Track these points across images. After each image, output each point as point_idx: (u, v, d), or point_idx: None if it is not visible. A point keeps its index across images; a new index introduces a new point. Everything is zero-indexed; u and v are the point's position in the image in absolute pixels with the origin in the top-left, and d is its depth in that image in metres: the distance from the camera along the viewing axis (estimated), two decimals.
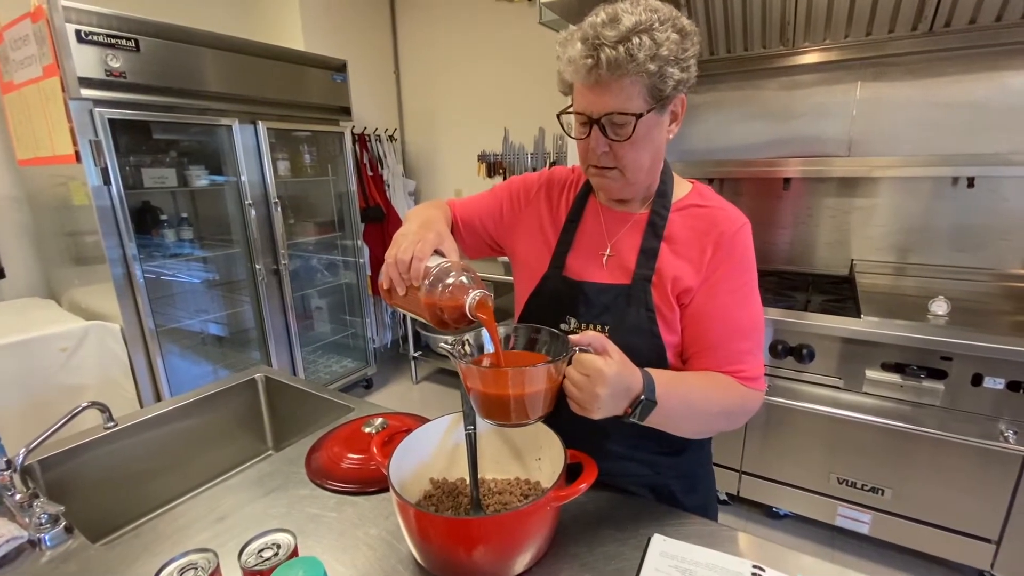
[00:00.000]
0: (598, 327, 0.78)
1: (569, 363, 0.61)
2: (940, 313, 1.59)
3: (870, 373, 1.58)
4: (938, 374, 1.49)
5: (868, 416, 1.58)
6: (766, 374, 1.73)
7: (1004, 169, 1.78)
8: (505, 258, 1.17)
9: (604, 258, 0.81)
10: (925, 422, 1.52)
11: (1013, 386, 1.41)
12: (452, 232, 0.86)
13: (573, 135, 0.75)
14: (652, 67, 0.64)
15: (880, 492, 1.65)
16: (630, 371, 0.62)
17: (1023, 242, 1.83)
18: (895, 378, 1.54)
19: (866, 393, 1.60)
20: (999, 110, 1.79)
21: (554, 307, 0.82)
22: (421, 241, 0.66)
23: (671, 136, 0.75)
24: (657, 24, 0.64)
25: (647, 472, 0.83)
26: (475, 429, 0.75)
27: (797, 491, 1.79)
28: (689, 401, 0.69)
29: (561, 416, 0.66)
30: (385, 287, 0.69)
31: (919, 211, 1.98)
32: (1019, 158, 1.76)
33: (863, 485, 1.67)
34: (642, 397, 0.62)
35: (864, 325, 1.56)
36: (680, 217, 0.78)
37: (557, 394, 0.63)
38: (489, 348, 0.68)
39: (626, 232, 0.81)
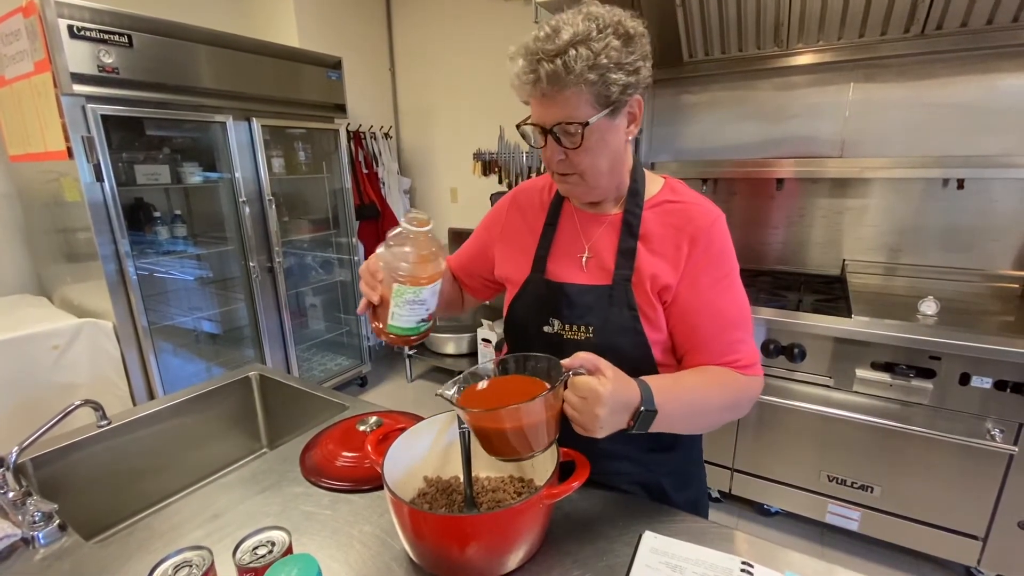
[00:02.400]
0: (582, 328, 0.79)
1: (565, 387, 0.62)
2: (929, 313, 1.61)
3: (860, 372, 1.59)
4: (927, 373, 1.51)
5: (858, 415, 1.60)
6: None
7: (994, 171, 1.80)
8: None
9: (583, 260, 0.82)
10: (914, 421, 1.54)
11: (1000, 385, 1.43)
12: (456, 281, 0.99)
13: (534, 144, 0.76)
14: (592, 76, 0.65)
15: (870, 490, 1.67)
16: (626, 385, 0.63)
17: (1012, 243, 1.86)
18: (885, 377, 1.56)
19: (856, 392, 1.62)
20: (989, 112, 1.81)
21: (537, 309, 0.83)
22: (372, 255, 0.74)
23: (630, 137, 0.76)
24: (595, 33, 0.65)
25: (638, 470, 0.84)
26: (468, 427, 0.75)
27: (788, 489, 1.81)
28: (689, 403, 0.70)
29: None
30: (361, 311, 0.75)
31: (910, 212, 2.00)
32: (1009, 160, 1.78)
33: (853, 483, 1.69)
34: (641, 409, 0.63)
35: (855, 325, 1.57)
36: (654, 215, 0.79)
37: (560, 419, 0.64)
38: (484, 369, 0.71)
39: (602, 233, 0.82)
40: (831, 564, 0.67)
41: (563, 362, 0.64)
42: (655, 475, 0.84)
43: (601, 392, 0.59)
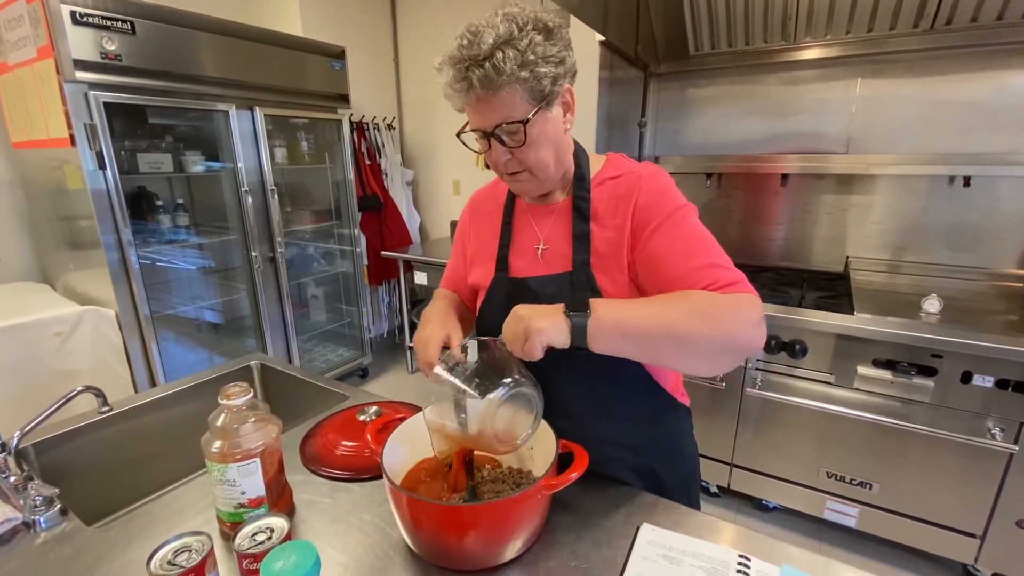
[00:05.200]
0: None
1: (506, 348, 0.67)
2: (932, 311, 1.60)
3: (862, 369, 1.59)
4: (928, 371, 1.50)
5: (858, 412, 1.60)
6: (759, 368, 1.75)
7: (1001, 169, 1.79)
8: None
9: (539, 251, 0.83)
10: (914, 418, 1.54)
11: (1001, 384, 1.42)
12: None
13: (477, 150, 0.78)
14: (524, 74, 0.66)
15: (868, 486, 1.67)
16: (542, 304, 0.67)
17: (1017, 242, 1.85)
18: (886, 374, 1.56)
19: (857, 389, 1.62)
20: (997, 109, 1.80)
21: (504, 308, 0.81)
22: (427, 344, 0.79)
23: (569, 126, 0.77)
24: (516, 32, 0.66)
25: (628, 454, 0.85)
26: (467, 417, 0.75)
27: (786, 484, 1.82)
28: (637, 304, 0.67)
29: (544, 408, 0.69)
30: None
31: (915, 209, 1.99)
32: (1016, 158, 1.76)
33: (852, 479, 1.69)
34: (569, 311, 0.65)
35: (857, 322, 1.57)
36: (599, 192, 0.80)
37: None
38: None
39: (554, 221, 0.83)
40: (826, 558, 0.67)
41: (480, 339, 0.71)
42: (645, 458, 0.85)
43: (515, 310, 0.66)
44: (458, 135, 0.77)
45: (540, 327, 0.63)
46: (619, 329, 0.64)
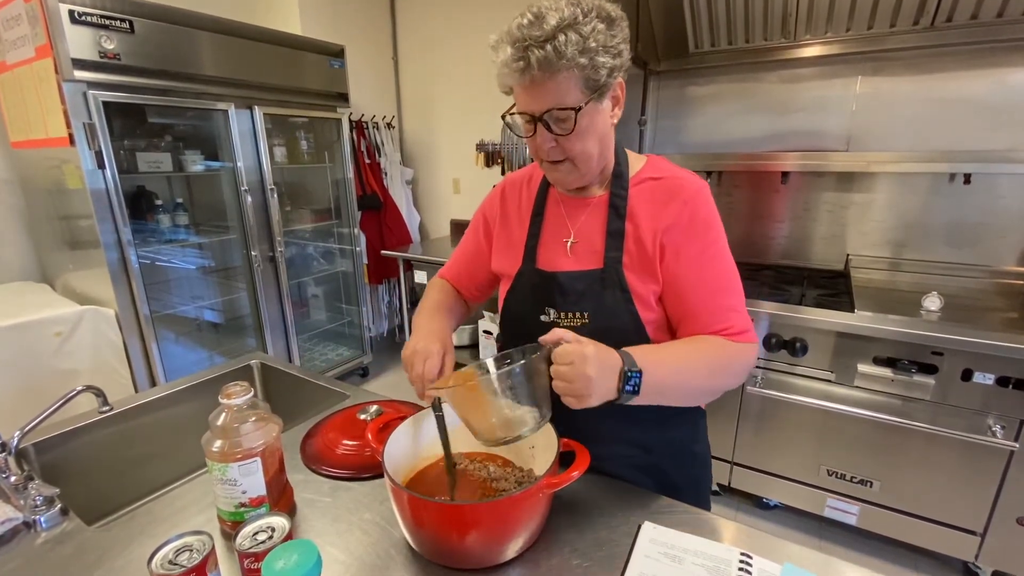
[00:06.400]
0: (577, 314, 0.79)
1: (550, 363, 0.63)
2: (933, 309, 1.60)
3: (862, 367, 1.59)
4: (929, 369, 1.50)
5: (859, 409, 1.59)
6: (759, 367, 1.75)
7: (1002, 166, 1.79)
8: None
9: (568, 245, 0.82)
10: (915, 416, 1.54)
11: (1002, 381, 1.42)
12: (461, 295, 0.99)
13: (521, 134, 0.76)
14: (583, 60, 0.65)
15: (869, 484, 1.67)
16: (607, 351, 0.64)
17: (1018, 239, 1.84)
18: (887, 372, 1.56)
19: (858, 387, 1.62)
20: (998, 107, 1.79)
21: (532, 300, 0.83)
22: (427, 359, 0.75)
23: (615, 120, 0.76)
24: (581, 17, 0.65)
25: (636, 452, 0.84)
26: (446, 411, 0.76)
27: (787, 482, 1.82)
28: (674, 364, 0.70)
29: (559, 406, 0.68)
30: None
31: (916, 207, 1.98)
32: (1017, 155, 1.76)
33: (852, 477, 1.69)
34: (627, 369, 0.63)
35: (857, 320, 1.57)
36: (637, 192, 0.80)
37: (548, 395, 0.65)
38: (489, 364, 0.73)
39: (588, 216, 0.82)
40: (828, 556, 0.67)
41: (541, 339, 0.65)
42: (654, 458, 0.85)
43: (586, 353, 0.60)
44: (503, 116, 0.76)
45: (591, 400, 0.62)
46: (659, 393, 0.68)
